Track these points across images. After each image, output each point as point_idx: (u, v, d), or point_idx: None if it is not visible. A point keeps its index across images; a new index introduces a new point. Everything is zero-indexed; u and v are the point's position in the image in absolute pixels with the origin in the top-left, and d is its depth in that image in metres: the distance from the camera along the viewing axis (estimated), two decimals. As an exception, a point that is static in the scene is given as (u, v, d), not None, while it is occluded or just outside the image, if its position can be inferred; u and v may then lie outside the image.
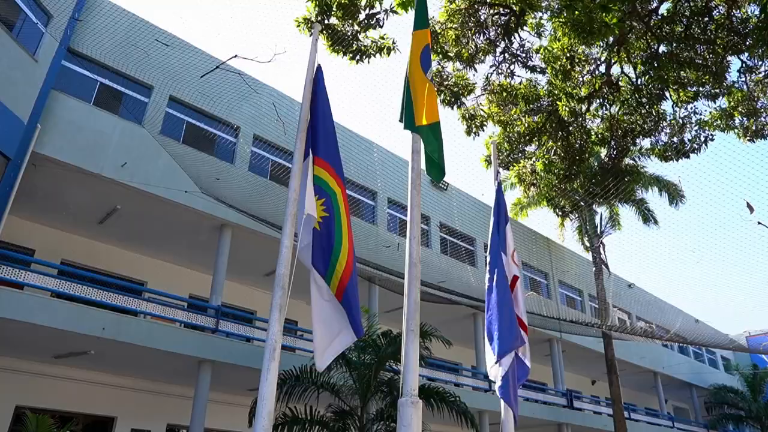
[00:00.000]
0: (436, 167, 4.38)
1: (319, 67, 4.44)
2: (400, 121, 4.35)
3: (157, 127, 14.67)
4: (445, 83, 11.08)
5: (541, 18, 11.57)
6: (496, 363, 5.08)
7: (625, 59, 11.90)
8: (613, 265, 36.90)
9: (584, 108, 12.47)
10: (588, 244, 26.33)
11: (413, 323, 3.72)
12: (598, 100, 12.62)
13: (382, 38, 9.29)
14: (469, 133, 11.47)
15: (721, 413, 36.32)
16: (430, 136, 4.27)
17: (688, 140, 11.98)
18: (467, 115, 11.32)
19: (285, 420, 12.29)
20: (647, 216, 26.97)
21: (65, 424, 10.04)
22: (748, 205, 10.96)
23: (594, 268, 25.39)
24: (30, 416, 7.99)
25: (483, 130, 11.80)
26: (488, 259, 5.54)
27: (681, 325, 37.06)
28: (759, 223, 11.62)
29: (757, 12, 10.63)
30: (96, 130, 13.62)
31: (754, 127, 12.42)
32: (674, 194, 25.29)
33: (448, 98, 10.96)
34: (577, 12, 9.22)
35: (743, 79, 12.33)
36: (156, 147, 14.00)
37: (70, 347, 12.94)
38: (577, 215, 23.49)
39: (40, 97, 12.59)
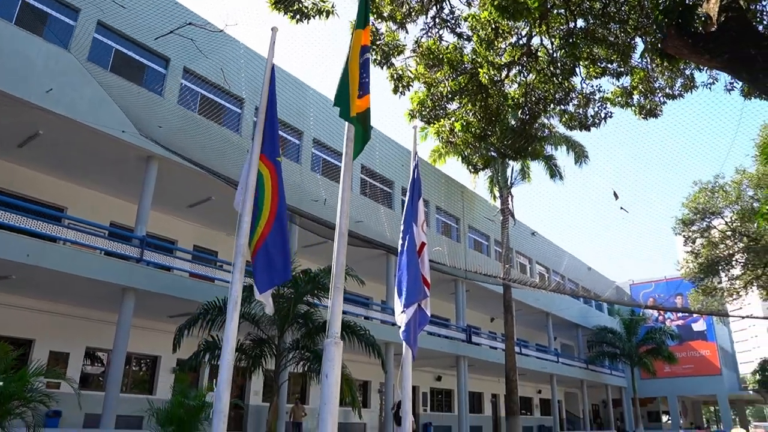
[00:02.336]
0: (359, 147, 5.31)
1: (273, 66, 5.10)
2: (335, 105, 5.11)
3: (85, 53, 14.39)
4: (378, 43, 11.70)
5: (472, -15, 12.29)
6: (402, 312, 6.21)
7: (545, 33, 12.90)
8: (520, 214, 39.50)
9: (504, 75, 13.48)
10: (497, 194, 28.12)
11: (339, 282, 4.64)
12: (517, 68, 13.66)
13: (323, 1, 9.76)
14: (396, 91, 12.21)
15: (599, 351, 40.61)
16: (360, 124, 5.12)
17: (591, 115, 13.30)
18: (395, 75, 12.04)
19: (207, 345, 13.19)
20: (554, 171, 29.00)
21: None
22: (614, 194, 12.52)
23: (501, 217, 27.22)
24: (-12, 342, 8.37)
25: (409, 90, 12.59)
26: (402, 228, 6.56)
27: (573, 269, 40.57)
28: (621, 208, 13.29)
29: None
30: (19, 52, 13.25)
31: (648, 107, 13.93)
32: (580, 154, 27.31)
33: (379, 58, 11.62)
34: (502, -7, 10.02)
35: (646, 60, 13.69)
36: (83, 75, 13.81)
37: (-9, 272, 13.06)
38: (489, 170, 25.03)
39: (-41, 13, 12.13)
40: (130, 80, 15.41)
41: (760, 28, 9.76)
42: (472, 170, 16.82)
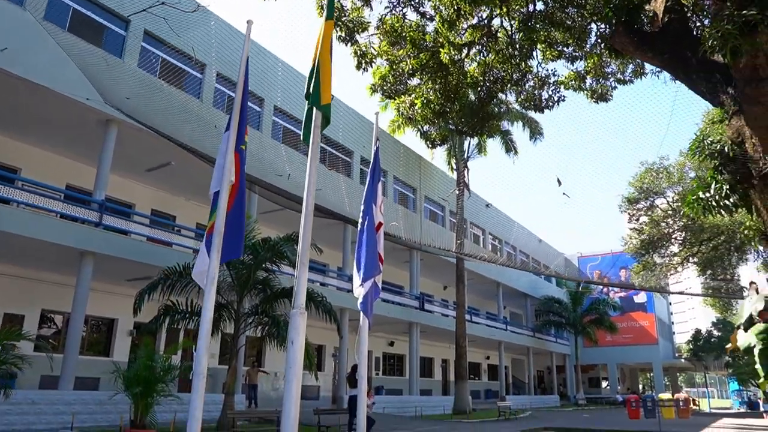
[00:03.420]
0: (324, 125, 5.74)
1: (247, 59, 5.38)
2: (306, 98, 5.45)
3: (41, 11, 14.06)
4: (343, 19, 11.91)
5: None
6: (360, 286, 6.75)
7: (506, 15, 13.31)
8: (476, 187, 40.34)
9: (464, 54, 13.90)
10: (454, 166, 28.78)
11: (305, 258, 5.05)
12: (477, 47, 14.08)
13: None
14: (359, 68, 12.51)
15: (546, 320, 42.43)
16: (329, 110, 5.51)
17: (545, 98, 13.90)
18: (359, 52, 12.31)
19: (166, 310, 13.47)
20: (510, 146, 29.82)
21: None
22: (558, 180, 13.23)
23: (457, 191, 27.90)
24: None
25: (372, 66, 12.89)
26: (363, 208, 7.05)
27: (524, 241, 41.84)
28: (564, 194, 14.05)
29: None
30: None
31: (600, 91, 14.59)
32: (535, 130, 28.12)
33: (344, 35, 11.85)
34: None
35: (600, 46, 14.29)
36: (40, 34, 13.52)
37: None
38: (447, 143, 25.58)
39: None
40: (89, 42, 15.12)
41: (707, 21, 10.42)
42: (430, 145, 17.33)
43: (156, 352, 12.25)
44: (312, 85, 5.42)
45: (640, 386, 66.14)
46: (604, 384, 55.03)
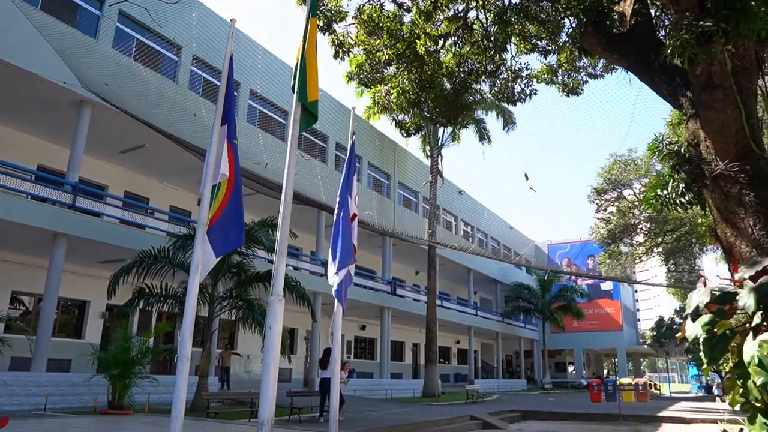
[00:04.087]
0: (311, 122, 6.00)
1: (231, 56, 5.53)
2: (294, 91, 5.63)
3: (14, -11, 13.83)
4: (321, 8, 12.03)
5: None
6: (335, 274, 7.02)
7: (481, 7, 13.56)
8: (449, 174, 40.73)
9: (440, 45, 14.14)
10: (428, 154, 29.09)
11: (283, 247, 5.28)
12: (453, 39, 14.34)
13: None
14: (336, 56, 12.67)
15: (515, 305, 43.30)
16: (315, 108, 5.76)
17: (518, 91, 14.24)
18: (337, 41, 12.46)
19: (140, 293, 13.56)
20: (483, 135, 30.21)
21: None
22: (525, 175, 13.62)
23: (430, 178, 28.23)
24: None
25: (349, 55, 13.06)
26: (338, 200, 7.30)
27: (495, 228, 42.42)
28: (531, 188, 14.47)
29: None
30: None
31: (571, 85, 14.97)
32: (508, 120, 28.53)
33: (322, 24, 11.98)
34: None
35: (573, 40, 14.63)
36: (12, 12, 13.33)
37: None
38: (420, 133, 25.80)
39: None
40: (63, 21, 14.90)
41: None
42: (405, 134, 17.53)
43: (131, 335, 12.36)
44: (298, 82, 5.61)
45: (605, 371, 67.96)
46: (570, 369, 56.43)
